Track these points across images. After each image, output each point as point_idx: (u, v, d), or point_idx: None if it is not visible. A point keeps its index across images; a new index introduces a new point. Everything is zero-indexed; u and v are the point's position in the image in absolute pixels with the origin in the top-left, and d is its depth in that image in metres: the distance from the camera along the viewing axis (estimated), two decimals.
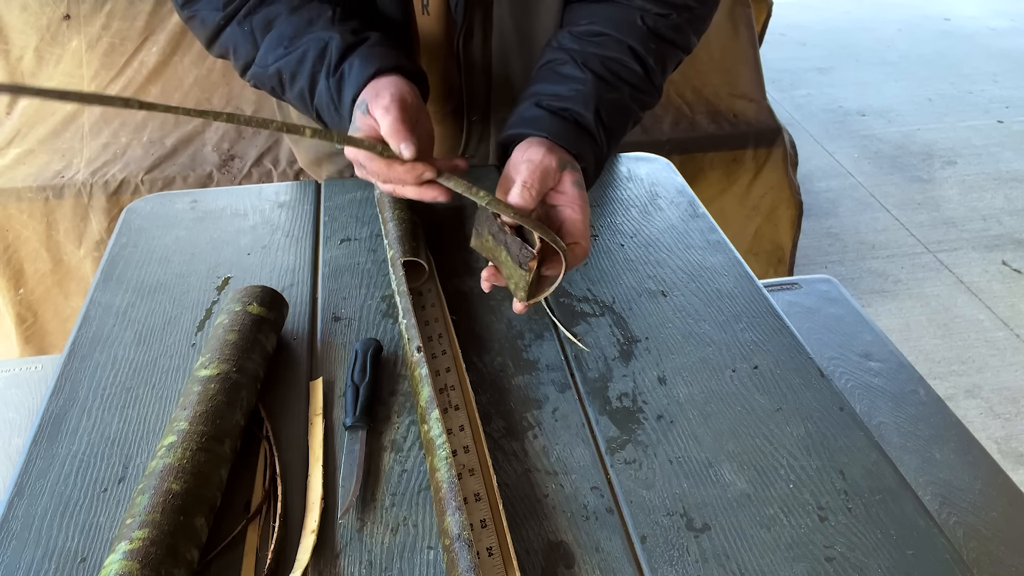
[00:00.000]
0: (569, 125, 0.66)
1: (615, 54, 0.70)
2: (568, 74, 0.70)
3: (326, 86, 0.66)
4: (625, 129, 0.72)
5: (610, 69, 0.70)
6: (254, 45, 0.69)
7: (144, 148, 1.62)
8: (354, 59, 0.65)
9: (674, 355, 0.67)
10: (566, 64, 0.70)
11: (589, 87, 0.68)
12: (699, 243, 0.82)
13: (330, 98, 0.66)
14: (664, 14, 0.72)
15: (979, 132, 3.06)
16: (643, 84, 0.72)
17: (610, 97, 0.69)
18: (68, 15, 1.67)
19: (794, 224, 1.93)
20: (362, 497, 0.55)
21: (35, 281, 1.61)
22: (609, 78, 0.70)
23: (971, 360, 1.98)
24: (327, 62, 0.65)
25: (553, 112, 0.67)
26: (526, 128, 0.66)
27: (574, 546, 0.52)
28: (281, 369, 0.66)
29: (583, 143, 0.66)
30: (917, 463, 0.86)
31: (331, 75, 0.65)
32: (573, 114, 0.67)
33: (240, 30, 0.69)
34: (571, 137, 0.66)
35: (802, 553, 0.51)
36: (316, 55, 0.66)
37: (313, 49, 0.66)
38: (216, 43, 0.72)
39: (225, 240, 0.82)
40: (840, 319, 1.07)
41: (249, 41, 0.69)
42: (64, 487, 0.55)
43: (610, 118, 0.68)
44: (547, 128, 0.65)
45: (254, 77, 0.72)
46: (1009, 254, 2.37)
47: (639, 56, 0.71)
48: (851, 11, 4.38)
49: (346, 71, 0.65)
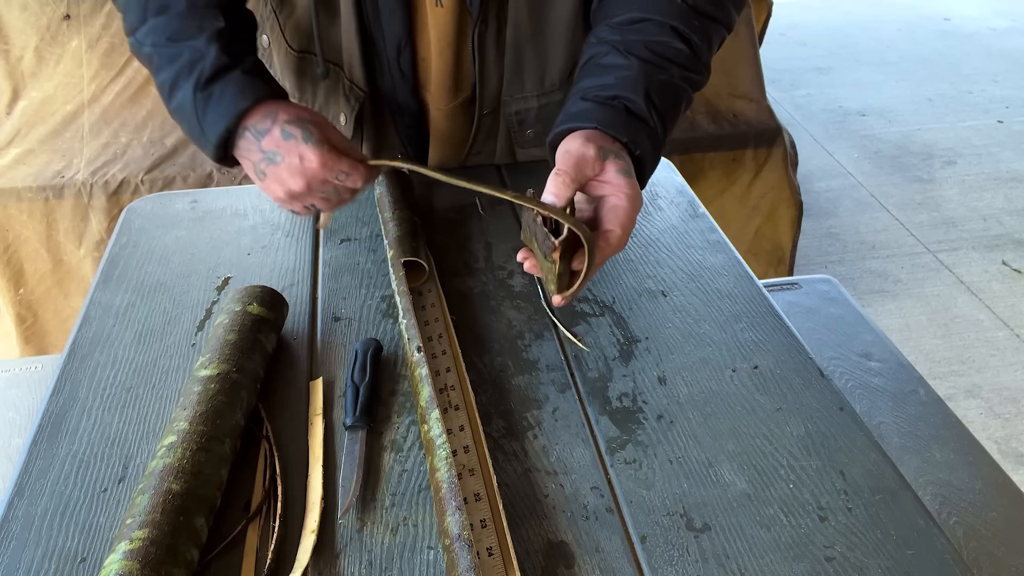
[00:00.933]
0: (619, 112, 0.64)
1: (659, 37, 0.68)
2: (612, 63, 0.68)
3: (191, 99, 0.67)
4: (679, 110, 0.70)
5: (655, 52, 0.68)
6: (142, 18, 0.69)
7: (144, 148, 1.62)
8: (228, 84, 0.66)
9: (674, 355, 0.67)
10: (608, 55, 0.68)
11: (635, 71, 0.66)
12: (699, 243, 0.82)
13: (194, 110, 0.67)
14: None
15: (979, 132, 3.06)
16: (690, 63, 0.70)
17: (659, 79, 0.67)
18: (68, 15, 1.66)
19: (794, 224, 1.93)
20: (362, 497, 0.55)
21: (35, 281, 1.61)
22: (655, 60, 0.68)
23: (971, 360, 1.98)
24: (197, 75, 0.66)
25: (600, 102, 0.65)
26: (573, 123, 0.65)
27: (574, 546, 0.52)
28: (281, 369, 0.66)
29: (636, 129, 0.64)
30: (917, 463, 0.86)
31: (199, 89, 0.66)
32: (622, 101, 0.65)
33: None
34: (622, 124, 0.64)
35: (802, 553, 0.51)
36: (188, 62, 0.67)
37: (187, 55, 0.67)
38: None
39: (225, 240, 0.82)
40: (840, 319, 1.07)
41: (139, 13, 0.69)
42: (64, 487, 0.55)
43: (661, 100, 0.66)
44: (595, 119, 0.64)
45: (131, 45, 0.71)
46: (1009, 254, 2.37)
47: (682, 35, 0.69)
48: (851, 11, 4.38)
49: (217, 93, 0.66)
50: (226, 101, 0.66)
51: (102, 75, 1.67)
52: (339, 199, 0.71)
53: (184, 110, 0.68)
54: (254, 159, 0.68)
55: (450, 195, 0.90)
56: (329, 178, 0.67)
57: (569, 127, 0.64)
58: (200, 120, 0.67)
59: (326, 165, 0.66)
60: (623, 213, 0.60)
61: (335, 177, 0.67)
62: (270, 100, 0.67)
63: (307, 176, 0.67)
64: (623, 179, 0.60)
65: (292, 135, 0.66)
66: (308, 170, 0.66)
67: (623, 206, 0.60)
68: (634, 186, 0.61)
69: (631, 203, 0.60)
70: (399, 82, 0.83)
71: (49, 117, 1.64)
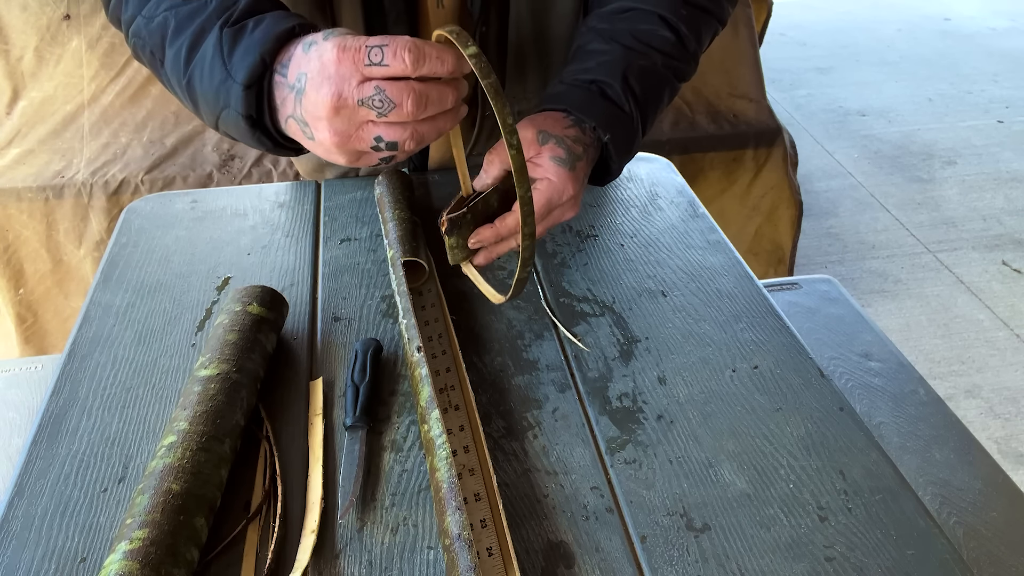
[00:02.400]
0: (593, 96, 0.64)
1: (645, 25, 0.69)
2: (594, 49, 0.68)
3: (216, 38, 0.53)
4: (660, 98, 0.70)
5: (639, 39, 0.68)
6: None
7: (144, 148, 1.62)
8: (264, 17, 0.53)
9: (674, 355, 0.67)
10: (592, 42, 0.69)
11: (615, 56, 0.66)
12: (699, 243, 0.82)
13: (217, 53, 0.53)
14: None
15: (979, 132, 3.06)
16: (676, 51, 0.69)
17: (640, 64, 0.67)
18: (68, 15, 1.66)
19: (794, 224, 1.93)
20: (362, 497, 0.55)
21: (35, 281, 1.61)
22: (638, 47, 0.68)
23: (971, 360, 1.98)
24: (228, 15, 0.54)
25: (576, 85, 0.65)
26: (546, 104, 0.65)
27: (574, 546, 0.52)
28: (281, 369, 0.66)
29: (608, 113, 0.64)
30: (917, 463, 0.86)
31: (227, 25, 0.53)
32: (599, 84, 0.65)
33: None
34: (593, 108, 0.63)
35: (802, 553, 0.51)
36: (216, 8, 0.54)
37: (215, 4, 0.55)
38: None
39: (225, 240, 0.82)
40: (840, 319, 1.07)
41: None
42: (64, 487, 0.55)
43: (641, 86, 0.66)
44: (567, 101, 0.64)
45: (135, 35, 0.60)
46: (1009, 254, 2.37)
47: (670, 23, 0.69)
48: (851, 11, 4.38)
49: (250, 26, 0.53)
50: (263, 28, 0.52)
51: (102, 75, 1.67)
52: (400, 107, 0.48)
53: (205, 59, 0.54)
54: (290, 108, 0.52)
55: (450, 195, 0.90)
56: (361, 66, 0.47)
57: (542, 108, 0.65)
58: (227, 60, 0.52)
59: (346, 48, 0.47)
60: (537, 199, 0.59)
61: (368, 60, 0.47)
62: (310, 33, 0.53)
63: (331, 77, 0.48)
64: (553, 166, 0.60)
65: (313, 42, 0.50)
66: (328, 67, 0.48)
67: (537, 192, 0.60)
68: (562, 175, 0.59)
69: (547, 192, 0.59)
70: None
71: (49, 117, 1.64)
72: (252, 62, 0.51)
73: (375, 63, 0.47)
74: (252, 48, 0.52)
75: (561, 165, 0.59)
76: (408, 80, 0.48)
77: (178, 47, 0.55)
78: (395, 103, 0.48)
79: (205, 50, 0.54)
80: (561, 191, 0.60)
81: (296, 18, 0.53)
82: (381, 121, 0.49)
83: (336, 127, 0.49)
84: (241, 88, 0.52)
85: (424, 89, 0.48)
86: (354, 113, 0.48)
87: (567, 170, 0.59)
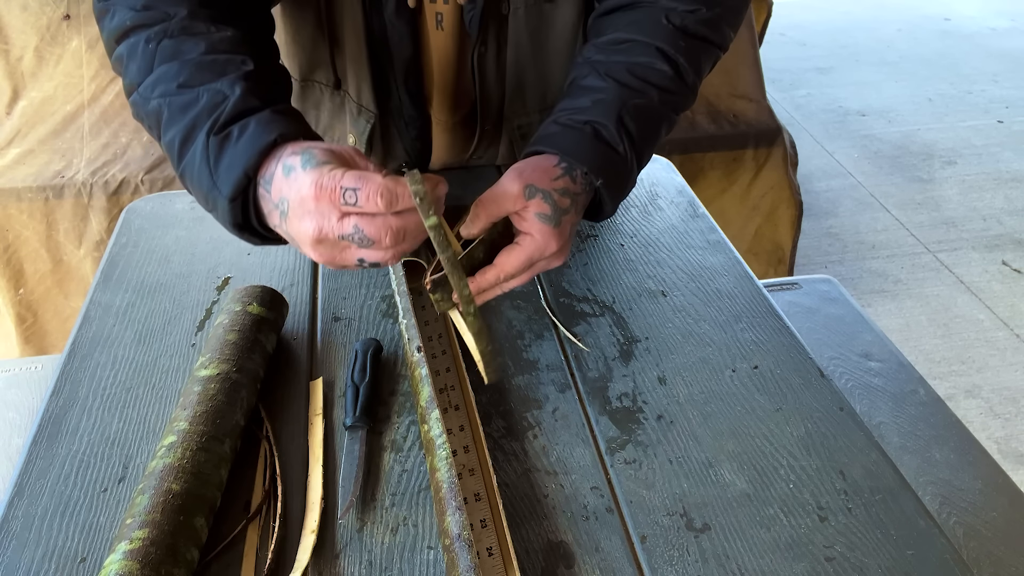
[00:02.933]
0: (586, 138, 0.62)
1: (642, 58, 0.66)
2: (589, 85, 0.66)
3: (203, 145, 0.53)
4: (657, 135, 0.68)
5: (635, 74, 0.66)
6: (148, 69, 0.57)
7: (144, 148, 1.62)
8: (249, 123, 0.53)
9: (674, 355, 0.67)
10: (588, 76, 0.66)
11: (610, 95, 0.64)
12: (699, 243, 0.82)
13: (204, 160, 0.53)
14: (692, 10, 0.68)
15: (979, 132, 3.06)
16: (674, 85, 0.67)
17: (635, 103, 0.64)
18: (68, 15, 1.66)
19: (794, 224, 1.93)
20: (362, 497, 0.55)
21: (35, 281, 1.61)
22: (634, 84, 0.65)
23: (971, 360, 1.98)
24: (215, 117, 0.53)
25: (569, 126, 0.63)
26: (539, 145, 0.63)
27: (574, 546, 0.52)
28: (281, 369, 0.66)
29: (601, 156, 0.62)
30: (917, 463, 0.86)
31: (214, 132, 0.53)
32: (593, 125, 0.63)
33: (143, 46, 0.58)
34: (586, 151, 0.61)
35: (802, 553, 0.51)
36: (206, 106, 0.54)
37: (206, 98, 0.54)
38: (116, 49, 0.61)
39: (225, 240, 0.82)
40: (840, 319, 1.07)
41: (145, 62, 0.58)
42: (64, 487, 0.55)
43: (637, 125, 0.64)
44: (559, 143, 0.62)
45: (134, 105, 0.60)
46: (1009, 254, 2.37)
47: (668, 56, 0.66)
48: (851, 11, 4.38)
49: (235, 134, 0.53)
50: (246, 138, 0.52)
51: (102, 75, 1.67)
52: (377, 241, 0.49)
53: (194, 161, 0.54)
54: (275, 221, 0.53)
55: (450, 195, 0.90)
56: (338, 204, 0.48)
57: (535, 149, 0.63)
58: (213, 170, 0.53)
59: (322, 186, 0.48)
60: (513, 256, 0.58)
61: (341, 199, 0.48)
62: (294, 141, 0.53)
63: (311, 214, 0.49)
64: (536, 223, 0.58)
65: (292, 167, 0.50)
66: (307, 205, 0.49)
67: (519, 248, 0.58)
68: (546, 232, 0.58)
69: (528, 248, 0.57)
70: (406, 101, 0.83)
71: (49, 117, 1.64)
72: (236, 177, 0.52)
73: (350, 203, 0.48)
74: (236, 163, 0.52)
75: (545, 223, 0.57)
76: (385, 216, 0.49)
77: (171, 138, 0.56)
78: (373, 240, 0.49)
79: (195, 152, 0.54)
80: (543, 248, 0.58)
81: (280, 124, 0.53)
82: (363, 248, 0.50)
83: (320, 251, 0.51)
84: (227, 201, 0.53)
85: (401, 224, 0.49)
86: (335, 243, 0.50)
87: (551, 227, 0.57)
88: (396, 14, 0.75)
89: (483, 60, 0.80)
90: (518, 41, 0.80)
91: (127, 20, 0.59)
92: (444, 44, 0.79)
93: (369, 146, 0.88)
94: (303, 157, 0.50)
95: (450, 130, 0.87)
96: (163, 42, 0.58)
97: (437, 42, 0.79)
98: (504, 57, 0.81)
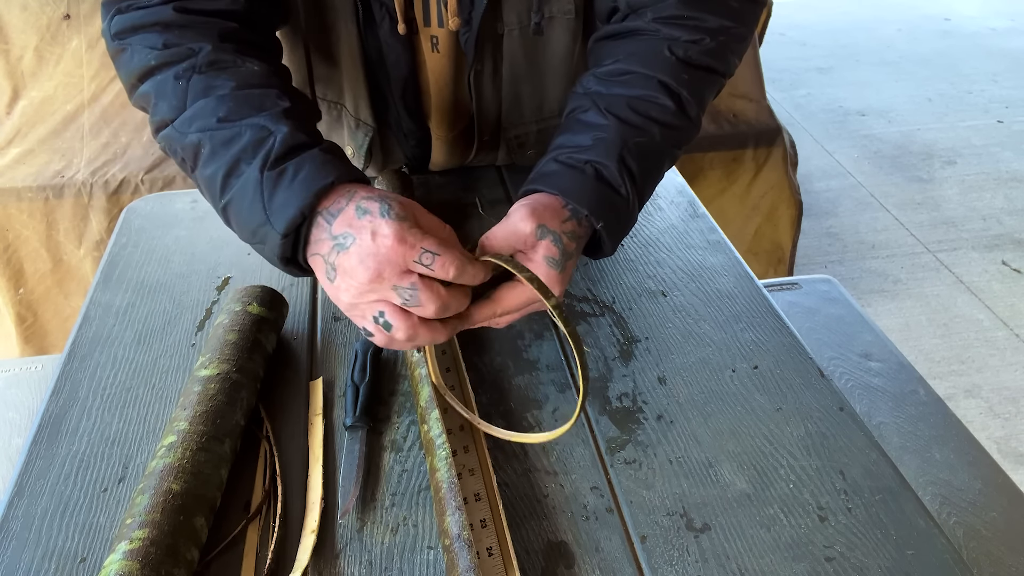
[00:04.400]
0: (588, 179, 0.60)
1: (643, 92, 0.64)
2: (590, 121, 0.63)
3: (257, 179, 0.55)
4: (659, 172, 0.66)
5: (637, 110, 0.63)
6: (180, 106, 0.59)
7: (144, 148, 1.62)
8: (305, 161, 0.55)
9: (674, 355, 0.67)
10: (588, 111, 0.64)
11: (612, 133, 0.62)
12: (699, 243, 0.82)
13: (259, 192, 0.55)
14: (695, 40, 0.65)
15: (979, 132, 3.06)
16: (676, 120, 0.65)
17: (637, 141, 0.62)
18: (68, 15, 1.66)
19: (794, 224, 1.93)
20: (362, 497, 0.55)
21: (35, 281, 1.61)
22: (635, 120, 0.63)
23: (971, 360, 1.98)
24: (265, 152, 0.55)
25: (571, 166, 0.61)
26: (540, 184, 0.61)
27: (574, 546, 0.52)
28: (281, 369, 0.66)
29: (602, 198, 0.60)
30: (917, 463, 0.86)
31: (268, 168, 0.55)
32: (594, 165, 0.61)
33: (173, 83, 0.59)
34: (588, 194, 0.59)
35: (802, 553, 0.51)
36: (252, 141, 0.56)
37: (250, 134, 0.56)
38: (140, 87, 0.62)
39: (225, 240, 0.82)
40: (840, 319, 1.07)
41: (177, 99, 0.59)
42: (64, 487, 0.55)
43: (639, 164, 0.62)
44: (559, 184, 0.60)
45: (165, 139, 0.61)
46: (1009, 254, 2.37)
47: (670, 89, 0.64)
48: (851, 11, 4.39)
49: (291, 170, 0.54)
50: (303, 178, 0.54)
51: (102, 75, 1.67)
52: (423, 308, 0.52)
53: (245, 196, 0.55)
54: (324, 250, 0.54)
55: (450, 195, 0.90)
56: (409, 260, 0.51)
57: (535, 188, 0.61)
58: (267, 204, 0.54)
59: (404, 240, 0.50)
60: (514, 294, 0.57)
61: (418, 258, 0.51)
62: (350, 183, 0.55)
63: (379, 257, 0.51)
64: (544, 267, 0.57)
65: (368, 211, 0.52)
66: (382, 248, 0.51)
67: (523, 289, 0.57)
68: (551, 277, 0.57)
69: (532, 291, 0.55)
70: (404, 116, 0.84)
71: (49, 117, 1.64)
72: (292, 215, 0.53)
73: (424, 264, 0.51)
74: (292, 200, 0.54)
75: (552, 267, 0.57)
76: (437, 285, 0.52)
77: (213, 172, 0.57)
78: (421, 303, 0.51)
79: (244, 187, 0.55)
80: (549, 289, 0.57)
81: (335, 167, 0.55)
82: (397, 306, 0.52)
83: (361, 291, 0.52)
84: (279, 236, 0.54)
85: (447, 299, 0.52)
86: (383, 291, 0.52)
87: (557, 272, 0.57)
88: (391, 35, 0.75)
89: (480, 79, 0.80)
90: (513, 60, 0.80)
91: (151, 59, 0.60)
92: (441, 65, 0.79)
93: (369, 155, 0.88)
94: (381, 206, 0.52)
95: (449, 143, 0.88)
96: (193, 78, 0.59)
97: (433, 63, 0.79)
98: (500, 76, 0.81)
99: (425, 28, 0.77)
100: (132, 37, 0.62)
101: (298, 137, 0.56)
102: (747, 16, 0.69)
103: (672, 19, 0.66)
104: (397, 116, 0.84)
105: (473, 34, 0.74)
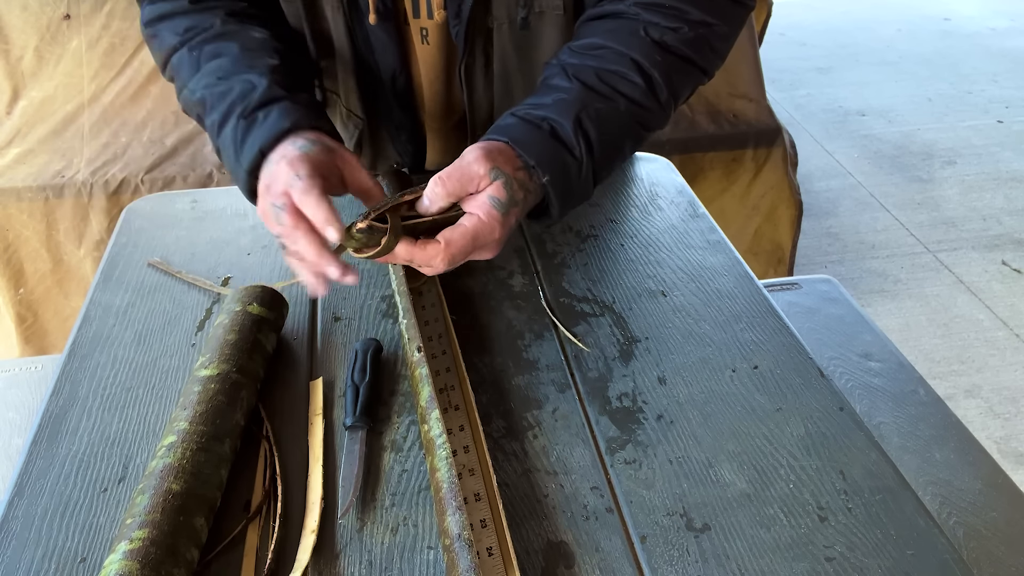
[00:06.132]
0: (541, 134, 0.61)
1: (615, 66, 0.65)
2: (554, 84, 0.65)
3: (234, 126, 0.63)
4: (619, 146, 0.67)
5: (604, 80, 0.65)
6: (195, 71, 0.68)
7: (144, 148, 1.62)
8: (272, 109, 0.63)
9: (674, 355, 0.67)
10: (556, 76, 0.66)
11: (573, 95, 0.63)
12: (699, 243, 0.82)
13: (233, 139, 0.63)
14: (673, 27, 0.66)
15: (979, 132, 3.06)
16: (645, 99, 0.66)
17: (598, 107, 0.63)
18: (68, 15, 1.67)
19: (794, 224, 1.93)
20: (362, 497, 0.55)
21: (35, 281, 1.61)
22: (601, 88, 0.64)
23: (971, 360, 1.98)
24: (246, 103, 0.63)
25: (527, 120, 0.62)
26: (495, 134, 0.62)
27: (574, 546, 0.52)
28: (281, 369, 0.66)
29: (552, 154, 0.61)
30: (917, 463, 0.86)
31: (243, 116, 0.63)
32: (550, 122, 0.62)
33: (189, 55, 0.69)
34: (537, 146, 0.60)
35: (802, 553, 0.51)
36: (239, 94, 0.64)
37: (239, 88, 0.64)
38: (168, 65, 0.72)
39: (225, 240, 0.82)
40: (840, 319, 1.07)
41: (192, 66, 0.68)
42: (64, 487, 0.55)
43: (598, 129, 0.63)
44: (512, 134, 0.61)
45: (183, 101, 0.71)
46: (1009, 254, 2.37)
47: (642, 69, 0.65)
48: (851, 11, 4.39)
49: (260, 118, 0.62)
50: (267, 124, 0.62)
51: (102, 75, 1.67)
52: (283, 227, 0.57)
53: (227, 140, 0.64)
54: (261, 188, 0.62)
55: None
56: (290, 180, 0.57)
57: (489, 137, 0.62)
58: (239, 147, 0.63)
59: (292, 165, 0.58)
60: (458, 232, 0.57)
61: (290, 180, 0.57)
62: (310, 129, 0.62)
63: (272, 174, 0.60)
64: (487, 205, 0.57)
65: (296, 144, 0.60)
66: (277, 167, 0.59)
67: (465, 226, 0.57)
68: (494, 217, 0.58)
69: (477, 227, 0.57)
70: (395, 107, 0.84)
71: (49, 117, 1.64)
72: (253, 154, 0.62)
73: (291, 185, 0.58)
74: (255, 143, 0.62)
75: (496, 208, 0.58)
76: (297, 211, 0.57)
77: (213, 120, 0.66)
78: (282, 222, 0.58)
79: (226, 133, 0.64)
80: (490, 231, 0.58)
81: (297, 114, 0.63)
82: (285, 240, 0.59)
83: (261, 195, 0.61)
84: (245, 173, 0.63)
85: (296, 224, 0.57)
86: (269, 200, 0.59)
87: (500, 214, 0.58)
88: (377, 26, 0.75)
89: (471, 72, 0.80)
90: (504, 54, 0.80)
91: (174, 41, 0.70)
92: (431, 57, 0.80)
93: (358, 149, 0.89)
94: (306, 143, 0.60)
95: (443, 137, 0.88)
96: (205, 47, 0.69)
97: (424, 55, 0.80)
98: (492, 69, 0.81)
99: (415, 19, 0.77)
100: (159, 24, 0.72)
101: (275, 91, 0.64)
102: (731, 15, 0.70)
103: (654, 5, 0.67)
104: (388, 108, 0.84)
105: (463, 26, 0.74)
